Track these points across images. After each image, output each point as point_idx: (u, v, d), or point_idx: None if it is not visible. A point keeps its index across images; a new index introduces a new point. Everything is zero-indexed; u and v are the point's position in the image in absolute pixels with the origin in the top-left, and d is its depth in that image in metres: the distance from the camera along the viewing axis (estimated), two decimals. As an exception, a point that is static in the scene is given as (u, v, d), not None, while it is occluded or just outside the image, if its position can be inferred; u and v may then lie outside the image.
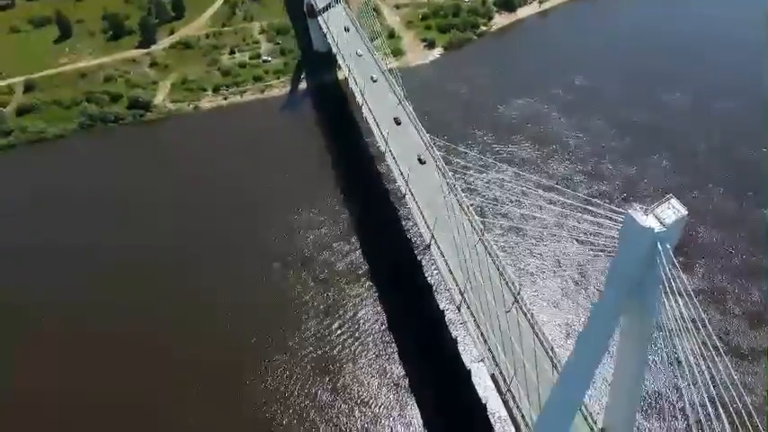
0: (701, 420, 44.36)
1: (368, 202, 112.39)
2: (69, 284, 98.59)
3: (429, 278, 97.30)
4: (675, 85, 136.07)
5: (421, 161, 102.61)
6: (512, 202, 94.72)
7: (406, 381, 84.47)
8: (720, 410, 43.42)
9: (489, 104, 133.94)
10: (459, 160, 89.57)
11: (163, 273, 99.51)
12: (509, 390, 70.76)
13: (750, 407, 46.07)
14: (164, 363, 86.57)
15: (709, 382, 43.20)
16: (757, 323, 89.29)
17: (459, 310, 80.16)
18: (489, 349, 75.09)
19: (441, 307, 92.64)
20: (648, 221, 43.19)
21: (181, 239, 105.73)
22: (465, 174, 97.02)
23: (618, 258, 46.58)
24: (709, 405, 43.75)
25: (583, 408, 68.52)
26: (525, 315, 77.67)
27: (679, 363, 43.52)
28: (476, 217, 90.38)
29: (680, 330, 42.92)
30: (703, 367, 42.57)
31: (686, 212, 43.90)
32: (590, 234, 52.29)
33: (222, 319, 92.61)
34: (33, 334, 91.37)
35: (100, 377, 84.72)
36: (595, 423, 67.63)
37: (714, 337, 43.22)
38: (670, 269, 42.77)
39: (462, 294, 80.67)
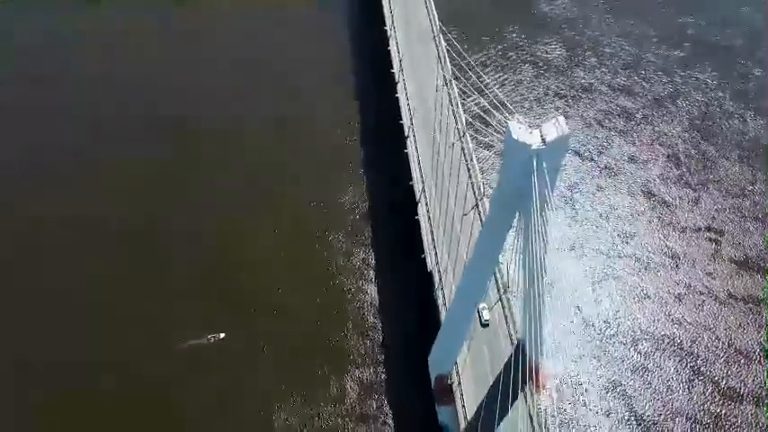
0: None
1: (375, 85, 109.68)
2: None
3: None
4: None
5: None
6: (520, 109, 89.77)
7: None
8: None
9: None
10: (475, 56, 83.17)
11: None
12: (442, 288, 72.44)
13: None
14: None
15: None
16: (744, 269, 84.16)
17: (417, 204, 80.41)
18: (434, 247, 75.99)
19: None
20: (528, 137, 40.57)
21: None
22: (478, 73, 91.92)
23: (502, 168, 44.67)
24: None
25: (509, 321, 69.88)
26: (481, 221, 76.97)
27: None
28: (462, 115, 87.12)
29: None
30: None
31: (569, 132, 40.71)
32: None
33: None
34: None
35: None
36: (516, 333, 68.93)
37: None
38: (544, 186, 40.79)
39: (423, 191, 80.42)
